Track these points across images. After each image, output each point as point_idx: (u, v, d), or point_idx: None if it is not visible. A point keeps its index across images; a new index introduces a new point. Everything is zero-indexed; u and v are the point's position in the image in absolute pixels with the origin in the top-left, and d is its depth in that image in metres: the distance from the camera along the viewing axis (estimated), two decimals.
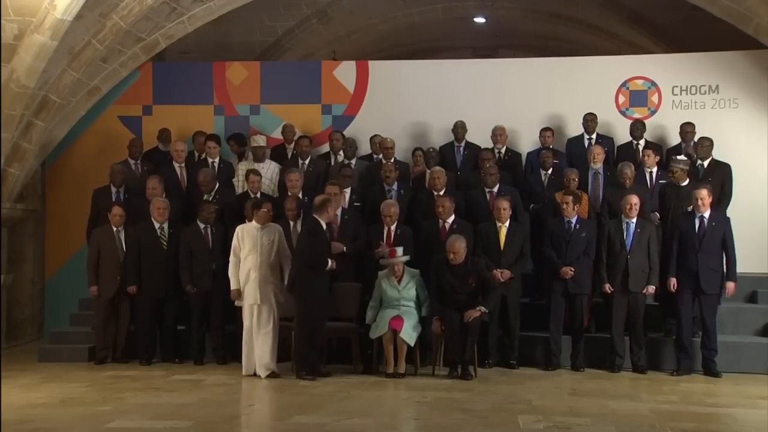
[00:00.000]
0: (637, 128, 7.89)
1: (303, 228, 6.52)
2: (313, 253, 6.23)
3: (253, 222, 6.46)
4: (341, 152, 8.05)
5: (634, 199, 6.64)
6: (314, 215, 6.41)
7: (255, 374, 6.28)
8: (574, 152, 8.00)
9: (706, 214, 6.48)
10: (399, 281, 6.44)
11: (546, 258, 6.78)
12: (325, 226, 6.40)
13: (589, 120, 8.00)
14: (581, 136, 8.09)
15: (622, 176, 7.08)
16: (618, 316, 6.63)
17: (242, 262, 6.41)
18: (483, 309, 6.28)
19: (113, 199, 7.45)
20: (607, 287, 6.64)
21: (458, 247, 6.27)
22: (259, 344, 6.31)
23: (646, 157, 7.40)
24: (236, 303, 6.50)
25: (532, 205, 7.34)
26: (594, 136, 8.02)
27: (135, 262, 6.98)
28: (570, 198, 6.77)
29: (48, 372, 6.59)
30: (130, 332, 7.09)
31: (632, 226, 6.64)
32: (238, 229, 6.49)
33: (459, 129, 8.11)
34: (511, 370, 6.65)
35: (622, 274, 6.58)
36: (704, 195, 6.46)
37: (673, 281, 6.48)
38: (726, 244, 6.43)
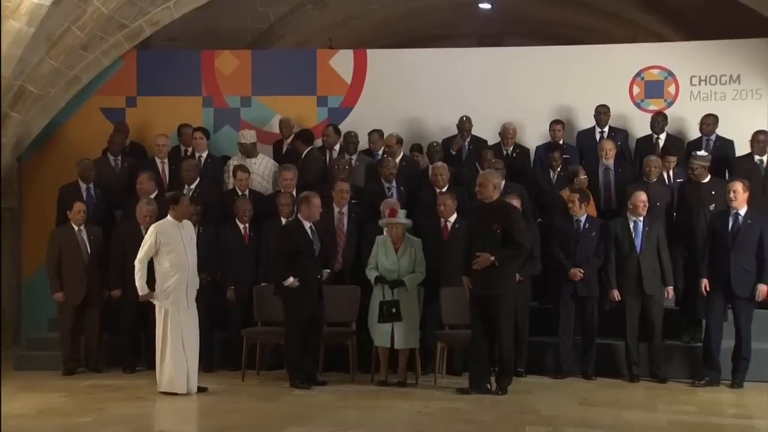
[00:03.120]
0: (658, 121, 7.88)
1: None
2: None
3: (169, 218, 6.22)
4: (336, 147, 8.04)
5: (643, 196, 6.60)
6: (297, 214, 6.37)
7: (188, 392, 6.00)
8: (586, 146, 8.00)
9: (742, 211, 6.36)
10: (396, 249, 6.31)
11: (554, 259, 6.76)
12: (309, 226, 6.28)
13: (602, 113, 7.99)
14: (592, 129, 8.09)
15: (647, 169, 7.05)
16: (632, 321, 6.61)
17: (159, 264, 6.10)
18: (491, 258, 5.80)
19: (84, 197, 7.37)
20: (615, 294, 6.61)
21: (484, 179, 5.92)
22: (191, 356, 6.03)
23: (668, 164, 7.34)
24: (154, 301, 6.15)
25: (539, 219, 7.27)
26: (606, 129, 8.01)
27: (118, 264, 6.95)
28: (576, 196, 6.75)
29: (25, 381, 6.59)
30: (105, 340, 7.07)
31: (641, 225, 6.60)
32: (153, 227, 6.22)
33: (464, 124, 8.10)
34: (518, 378, 6.57)
35: (634, 276, 6.55)
36: (738, 188, 6.34)
37: (705, 282, 6.37)
38: (763, 243, 6.24)
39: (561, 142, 7.99)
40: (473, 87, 8.40)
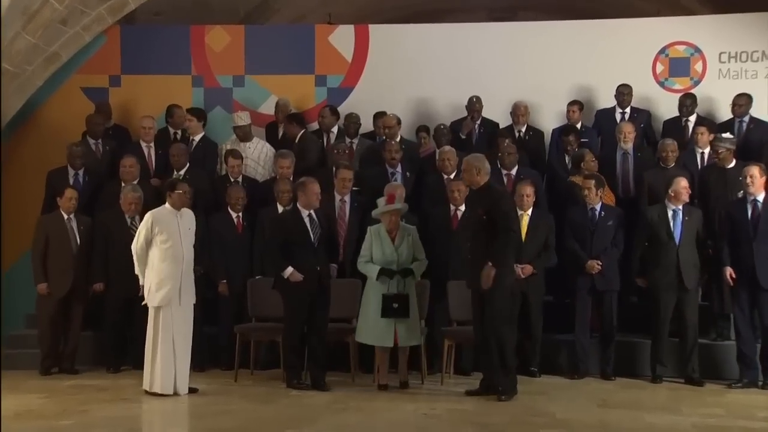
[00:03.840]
0: (687, 104, 7.82)
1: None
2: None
3: (167, 206, 6.18)
4: (334, 130, 8.00)
5: (684, 182, 6.55)
6: (296, 203, 6.35)
7: (174, 393, 5.97)
8: (605, 127, 7.98)
9: (760, 197, 6.37)
10: (393, 238, 6.26)
11: (569, 251, 6.74)
12: (308, 215, 6.25)
13: (624, 93, 7.95)
14: (612, 109, 8.06)
15: (663, 153, 7.02)
16: (665, 317, 6.55)
17: (152, 255, 6.05)
18: (491, 268, 5.70)
19: (71, 183, 7.35)
20: (643, 281, 6.55)
21: (467, 164, 5.91)
22: (181, 355, 6.01)
23: (698, 135, 7.32)
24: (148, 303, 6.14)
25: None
26: (628, 110, 7.98)
27: (102, 255, 6.95)
28: (592, 182, 6.71)
29: (3, 381, 6.56)
30: (88, 337, 7.08)
31: (680, 214, 6.56)
32: (149, 214, 6.16)
33: (474, 105, 8.08)
34: (531, 378, 6.61)
35: (671, 269, 6.48)
36: (755, 173, 6.34)
37: (730, 270, 6.34)
38: None
39: (579, 124, 7.97)
40: (484, 65, 8.39)
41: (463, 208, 6.73)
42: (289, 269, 6.14)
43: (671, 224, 6.54)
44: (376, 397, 6.02)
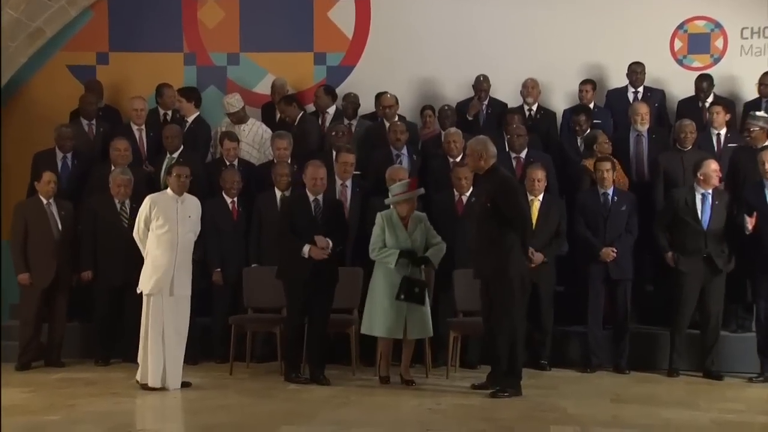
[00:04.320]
0: (703, 87, 7.76)
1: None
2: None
3: (168, 191, 6.15)
4: (330, 111, 7.98)
5: (714, 165, 6.50)
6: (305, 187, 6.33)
7: (163, 387, 5.94)
8: (616, 108, 7.94)
9: None
10: (406, 225, 6.19)
11: (581, 239, 6.70)
12: (313, 200, 6.22)
13: (637, 71, 7.91)
14: (625, 89, 8.02)
15: (681, 134, 6.97)
16: (689, 307, 6.52)
17: (148, 241, 6.02)
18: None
19: (59, 167, 7.32)
20: (670, 256, 6.49)
21: (470, 148, 5.86)
22: (171, 348, 5.99)
23: (714, 115, 7.29)
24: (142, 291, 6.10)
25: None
26: (641, 89, 7.93)
27: (90, 242, 6.94)
28: (609, 164, 6.68)
29: None
30: (75, 328, 7.07)
31: (709, 198, 6.52)
32: (148, 198, 6.13)
33: (482, 84, 8.05)
34: (541, 371, 6.63)
35: (697, 256, 6.44)
36: None
37: (751, 221, 6.21)
38: None
39: (591, 105, 7.93)
40: (492, 42, 8.37)
41: (468, 193, 6.76)
42: (307, 247, 6.07)
43: (699, 209, 6.49)
44: (377, 392, 6.02)
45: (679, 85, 8.04)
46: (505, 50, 8.30)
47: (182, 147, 7.47)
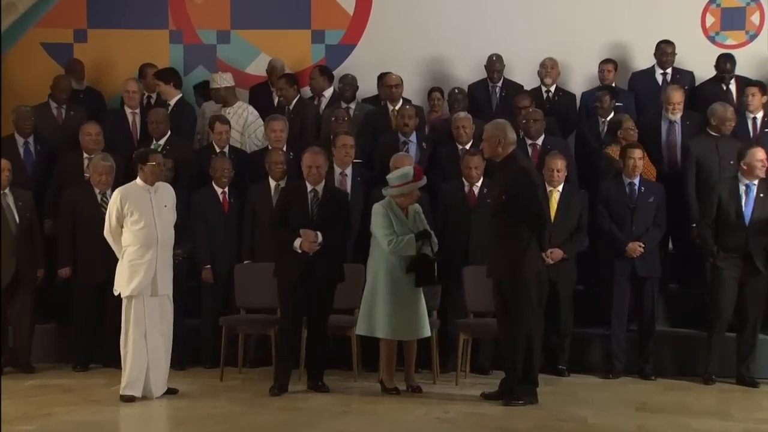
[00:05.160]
0: (728, 65, 7.71)
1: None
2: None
3: (138, 181, 6.05)
4: (326, 94, 7.98)
5: (762, 154, 6.46)
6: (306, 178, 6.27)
7: (145, 396, 5.88)
8: (641, 91, 7.93)
9: None
10: (406, 216, 6.16)
11: (604, 232, 6.69)
12: (311, 191, 6.16)
13: (667, 52, 7.87)
14: (651, 70, 8.01)
15: (719, 120, 6.92)
16: (728, 307, 6.48)
17: (123, 238, 5.94)
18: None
19: (21, 154, 7.26)
20: (714, 250, 6.43)
21: (487, 133, 5.80)
22: (155, 354, 5.90)
23: (750, 97, 7.27)
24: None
25: None
26: (669, 71, 7.89)
27: (68, 237, 6.92)
28: (639, 152, 6.66)
29: None
30: (51, 331, 7.08)
31: (753, 190, 6.48)
32: (117, 192, 6.05)
33: (494, 65, 8.04)
34: (559, 377, 6.62)
35: (738, 252, 6.41)
36: None
37: None
38: None
39: (613, 85, 7.94)
40: (506, 18, 8.40)
41: (479, 183, 6.75)
42: (298, 240, 6.03)
43: (743, 201, 6.46)
44: (381, 399, 5.99)
45: (711, 64, 7.96)
46: (520, 27, 8.34)
47: (169, 132, 7.43)
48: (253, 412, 5.69)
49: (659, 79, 7.89)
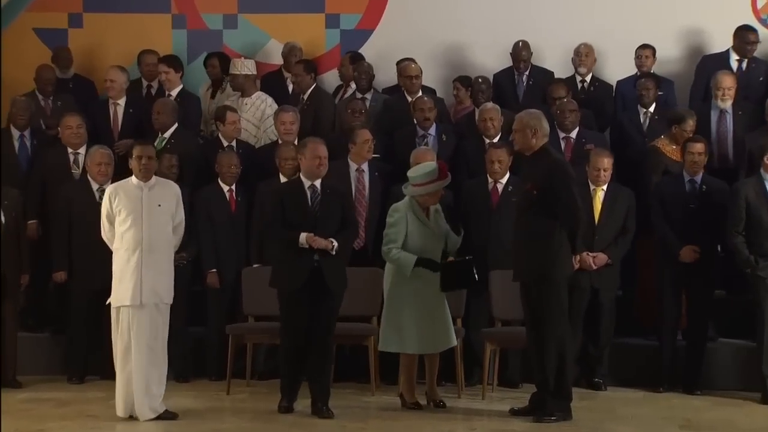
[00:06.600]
0: (751, 39, 7.59)
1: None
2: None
3: (132, 178, 5.90)
4: (352, 84, 7.95)
5: None
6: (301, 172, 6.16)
7: (131, 416, 5.75)
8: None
9: None
10: (427, 215, 6.09)
11: (658, 234, 6.64)
12: (309, 187, 5.96)
13: (750, 39, 7.65)
14: (726, 54, 7.89)
15: None
16: None
17: (115, 241, 5.83)
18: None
19: (17, 148, 7.25)
20: (751, 259, 6.32)
21: (519, 123, 5.75)
22: (141, 369, 5.72)
23: None
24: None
25: None
26: (745, 62, 7.77)
27: (63, 238, 6.87)
28: (702, 146, 6.56)
29: None
30: (44, 340, 7.08)
31: None
32: (108, 189, 5.96)
33: (521, 52, 7.97)
34: (596, 392, 6.59)
35: None
36: None
37: None
38: None
39: (651, 72, 7.88)
40: (533, 2, 8.38)
41: (504, 180, 6.69)
42: (303, 235, 5.83)
43: None
44: (401, 415, 5.93)
45: (760, 49, 7.86)
46: (550, 11, 8.29)
47: (176, 125, 7.35)
48: (262, 428, 5.68)
49: (734, 66, 7.75)
